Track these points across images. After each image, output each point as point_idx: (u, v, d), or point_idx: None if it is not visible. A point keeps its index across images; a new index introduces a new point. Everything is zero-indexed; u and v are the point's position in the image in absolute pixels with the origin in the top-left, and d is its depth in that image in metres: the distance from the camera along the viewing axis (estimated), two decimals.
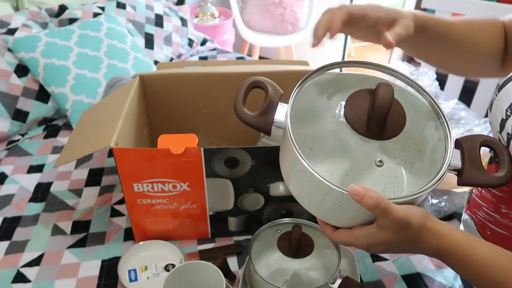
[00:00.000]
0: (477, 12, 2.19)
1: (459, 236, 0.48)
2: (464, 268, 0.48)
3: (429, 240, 0.47)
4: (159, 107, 0.98)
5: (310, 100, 0.53)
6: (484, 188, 0.61)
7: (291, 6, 2.56)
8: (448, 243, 0.47)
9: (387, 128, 0.48)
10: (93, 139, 0.74)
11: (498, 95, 0.55)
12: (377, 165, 0.48)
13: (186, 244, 0.84)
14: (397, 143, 0.50)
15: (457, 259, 0.47)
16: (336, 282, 0.62)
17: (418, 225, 0.46)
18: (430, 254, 0.49)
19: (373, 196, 0.43)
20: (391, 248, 0.48)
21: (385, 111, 0.45)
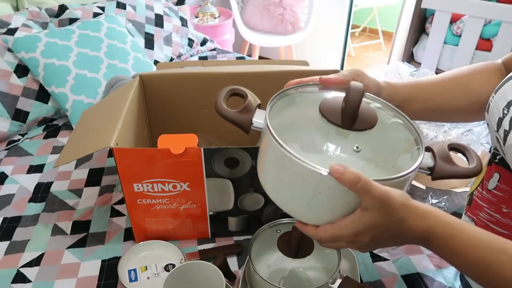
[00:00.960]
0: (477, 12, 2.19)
1: (444, 216, 0.47)
2: (451, 251, 0.46)
3: (414, 222, 0.46)
4: (159, 107, 0.98)
5: (287, 110, 0.55)
6: (485, 189, 0.61)
7: (291, 6, 2.56)
8: (433, 223, 0.46)
9: (361, 120, 0.50)
10: (93, 139, 0.74)
11: (495, 97, 0.56)
12: (355, 151, 0.49)
13: (186, 244, 0.84)
14: (373, 139, 0.51)
15: (444, 241, 0.46)
16: (336, 282, 0.62)
17: (400, 204, 0.45)
18: (417, 239, 0.47)
19: (353, 172, 0.43)
20: (377, 238, 0.47)
21: (357, 100, 0.49)
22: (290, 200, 0.50)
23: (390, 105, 0.56)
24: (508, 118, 0.52)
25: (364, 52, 3.59)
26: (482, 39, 2.30)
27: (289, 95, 0.56)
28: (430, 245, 0.47)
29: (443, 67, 2.51)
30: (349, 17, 2.76)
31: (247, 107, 0.54)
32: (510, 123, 0.52)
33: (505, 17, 2.11)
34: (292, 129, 0.53)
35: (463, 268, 0.47)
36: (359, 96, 0.49)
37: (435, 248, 0.47)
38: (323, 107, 0.52)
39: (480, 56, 2.33)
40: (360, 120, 0.50)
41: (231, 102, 0.55)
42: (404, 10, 2.54)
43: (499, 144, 0.55)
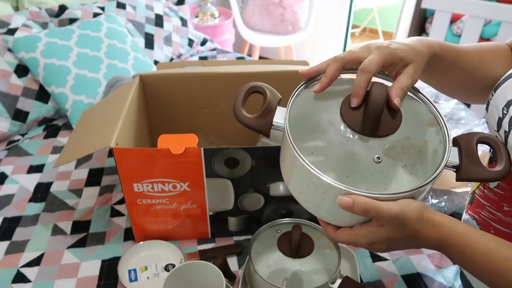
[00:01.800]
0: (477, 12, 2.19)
1: (458, 226, 0.48)
2: (465, 259, 0.48)
3: (428, 232, 0.47)
4: (159, 107, 0.98)
5: (308, 104, 0.53)
6: (486, 188, 0.61)
7: (291, 6, 2.56)
8: (447, 233, 0.47)
9: (383, 126, 0.48)
10: (93, 139, 0.74)
11: (494, 95, 0.56)
12: (375, 162, 0.48)
13: (186, 244, 0.84)
14: (397, 146, 0.50)
15: (458, 249, 0.47)
16: (336, 282, 0.62)
17: (416, 219, 0.46)
18: (431, 247, 0.49)
19: (361, 204, 0.44)
20: (394, 245, 0.48)
21: (379, 106, 0.46)
22: (311, 204, 0.50)
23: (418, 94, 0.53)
24: (508, 119, 0.52)
25: None
26: (482, 39, 2.30)
27: (308, 91, 0.53)
28: (445, 253, 0.49)
29: None
30: (349, 17, 2.76)
31: (267, 109, 0.52)
32: (509, 124, 0.51)
33: (505, 17, 2.10)
34: (312, 132, 0.52)
35: (478, 275, 0.49)
36: (381, 105, 0.46)
37: (450, 255, 0.49)
38: (344, 111, 0.49)
39: None
40: (383, 125, 0.48)
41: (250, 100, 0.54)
42: (404, 10, 2.54)
43: None
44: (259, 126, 0.52)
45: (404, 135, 0.50)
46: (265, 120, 0.51)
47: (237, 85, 0.53)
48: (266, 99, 0.52)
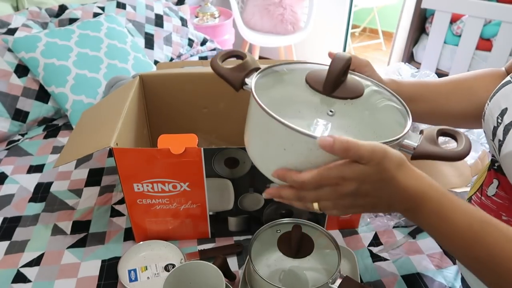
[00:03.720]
0: (477, 12, 2.19)
1: (436, 183, 0.45)
2: (441, 218, 0.44)
3: (408, 182, 0.44)
4: (159, 107, 0.98)
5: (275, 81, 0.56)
6: (484, 195, 0.60)
7: (291, 6, 2.56)
8: (428, 187, 0.44)
9: (344, 89, 0.50)
10: (93, 139, 0.74)
11: (489, 104, 0.56)
12: (328, 115, 0.50)
13: (186, 244, 0.84)
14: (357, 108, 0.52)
15: (436, 206, 0.44)
16: (336, 282, 0.62)
17: (397, 164, 0.43)
18: (405, 201, 0.45)
19: (342, 142, 0.41)
20: (363, 189, 0.43)
21: (340, 65, 0.49)
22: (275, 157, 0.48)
23: (389, 90, 0.56)
24: (502, 127, 0.52)
25: (364, 52, 3.59)
26: (482, 39, 2.30)
27: (279, 71, 0.57)
28: (418, 210, 0.45)
29: (443, 67, 2.51)
30: (349, 17, 2.76)
31: (243, 66, 0.55)
32: (504, 132, 0.51)
33: (505, 17, 2.11)
34: (278, 96, 0.54)
35: (448, 237, 0.45)
36: (343, 63, 0.49)
37: (424, 213, 0.45)
38: (309, 76, 0.53)
39: (480, 56, 2.33)
40: (344, 88, 0.50)
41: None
42: (404, 10, 2.54)
43: (495, 152, 0.55)
44: (232, 78, 0.54)
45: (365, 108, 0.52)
46: (238, 74, 0.54)
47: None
48: (245, 58, 0.55)
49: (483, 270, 0.44)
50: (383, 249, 0.83)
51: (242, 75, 0.54)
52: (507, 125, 0.51)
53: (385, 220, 0.89)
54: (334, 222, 0.86)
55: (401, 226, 0.88)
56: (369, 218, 0.90)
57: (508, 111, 0.51)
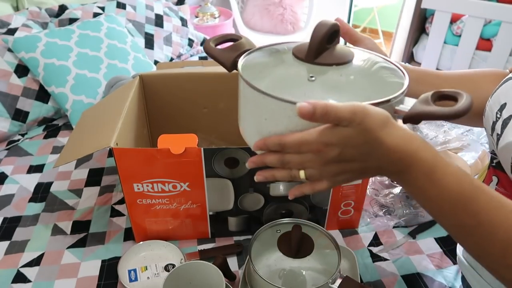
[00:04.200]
0: (477, 12, 2.19)
1: (427, 142, 0.43)
2: (432, 181, 0.42)
3: (396, 142, 0.41)
4: (159, 107, 0.98)
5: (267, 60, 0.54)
6: None
7: (291, 6, 2.56)
8: (419, 147, 0.41)
9: (330, 55, 0.48)
10: (93, 139, 0.74)
11: (490, 101, 0.56)
12: (309, 80, 0.46)
13: (186, 244, 0.84)
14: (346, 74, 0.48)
15: (426, 169, 0.41)
16: (336, 282, 0.62)
17: (381, 122, 0.40)
18: (394, 163, 0.42)
19: (322, 107, 0.39)
20: (347, 153, 0.41)
21: (322, 31, 0.46)
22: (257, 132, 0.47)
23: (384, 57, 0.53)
24: (501, 121, 0.52)
25: None
26: (482, 39, 2.30)
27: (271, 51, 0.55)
28: (408, 172, 0.42)
29: (443, 67, 2.51)
30: (349, 17, 2.77)
31: (236, 46, 0.54)
32: (502, 126, 0.52)
33: (505, 17, 2.11)
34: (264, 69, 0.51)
35: (437, 201, 0.43)
36: (325, 28, 0.46)
37: (414, 175, 0.42)
38: (296, 48, 0.50)
39: (480, 56, 2.33)
40: (330, 55, 0.48)
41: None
42: (404, 10, 2.54)
43: (494, 147, 0.55)
44: (223, 58, 0.53)
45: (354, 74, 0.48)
46: (230, 55, 0.53)
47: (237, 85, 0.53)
48: (239, 39, 0.55)
49: (467, 236, 0.43)
50: (383, 249, 0.83)
51: (234, 55, 0.53)
52: (505, 119, 0.51)
53: (385, 220, 0.89)
54: (334, 222, 0.86)
55: (401, 226, 0.88)
56: (369, 218, 0.90)
57: (507, 105, 0.52)
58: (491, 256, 0.42)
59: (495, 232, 0.40)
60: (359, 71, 0.49)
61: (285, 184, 0.77)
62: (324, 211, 0.84)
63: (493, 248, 0.41)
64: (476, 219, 0.41)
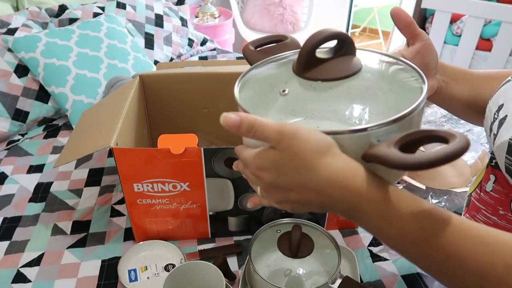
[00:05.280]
0: (477, 12, 2.19)
1: (372, 175, 0.38)
2: (387, 222, 0.37)
3: (332, 173, 0.36)
4: (159, 107, 0.98)
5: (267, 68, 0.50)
6: (483, 191, 0.61)
7: (291, 6, 2.56)
8: (364, 181, 0.37)
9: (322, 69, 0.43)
10: (93, 139, 0.74)
11: (490, 102, 0.56)
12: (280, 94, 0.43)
13: (186, 244, 0.84)
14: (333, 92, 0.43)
15: (378, 208, 0.37)
16: (336, 282, 0.62)
17: (316, 146, 0.36)
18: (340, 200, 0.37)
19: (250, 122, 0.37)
20: (281, 180, 0.38)
21: (311, 43, 0.41)
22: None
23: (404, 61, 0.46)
24: (497, 122, 0.52)
25: None
26: (482, 39, 2.30)
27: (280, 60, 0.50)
28: (358, 212, 0.38)
29: None
30: (349, 17, 2.77)
31: (275, 48, 0.50)
32: (498, 126, 0.52)
33: (505, 17, 2.11)
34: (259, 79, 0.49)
35: (397, 240, 0.39)
36: (315, 40, 0.41)
37: (366, 216, 0.38)
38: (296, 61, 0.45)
39: (480, 56, 2.33)
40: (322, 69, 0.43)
41: None
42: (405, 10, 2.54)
43: (492, 147, 0.56)
44: (253, 59, 0.50)
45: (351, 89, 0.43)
46: (261, 56, 0.50)
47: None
48: (284, 40, 0.52)
49: (438, 272, 0.39)
50: (383, 249, 0.83)
51: (264, 58, 0.49)
52: (501, 119, 0.52)
53: None
54: (334, 222, 0.86)
55: None
56: None
57: (504, 106, 0.52)
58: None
59: (464, 264, 0.37)
60: (346, 92, 0.42)
61: None
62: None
63: (465, 281, 0.38)
64: (442, 253, 0.37)
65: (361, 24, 3.79)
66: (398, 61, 0.47)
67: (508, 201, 0.56)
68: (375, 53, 0.49)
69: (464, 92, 0.60)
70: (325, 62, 0.44)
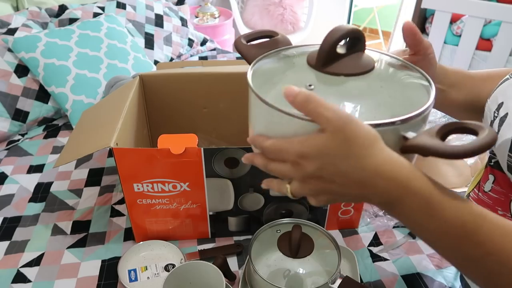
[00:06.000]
0: (477, 12, 2.19)
1: (418, 170, 0.38)
2: (427, 213, 0.38)
3: (382, 164, 0.36)
4: (159, 107, 0.98)
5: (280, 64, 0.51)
6: (481, 191, 0.61)
7: (291, 6, 2.56)
8: (410, 175, 0.37)
9: (342, 64, 0.44)
10: (93, 139, 0.74)
11: (489, 101, 0.56)
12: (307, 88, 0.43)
13: (186, 244, 0.84)
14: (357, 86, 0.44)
15: (422, 202, 0.37)
16: (336, 282, 0.62)
17: (368, 139, 0.36)
18: (383, 191, 0.37)
19: (306, 94, 0.36)
20: (325, 169, 0.37)
21: (334, 38, 0.42)
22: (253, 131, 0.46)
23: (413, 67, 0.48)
24: (498, 120, 0.52)
25: None
26: (482, 39, 2.30)
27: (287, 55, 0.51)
28: (399, 204, 0.38)
29: None
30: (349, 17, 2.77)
31: (268, 44, 0.50)
32: (499, 125, 0.52)
33: (505, 17, 2.11)
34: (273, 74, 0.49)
35: (436, 235, 0.39)
36: (338, 34, 0.42)
37: (407, 208, 0.38)
38: (311, 54, 0.46)
39: (480, 56, 2.33)
40: (342, 64, 0.44)
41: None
42: (403, 10, 2.54)
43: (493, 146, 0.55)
44: (249, 55, 0.50)
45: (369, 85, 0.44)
46: (257, 51, 0.50)
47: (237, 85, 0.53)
48: (275, 36, 0.51)
49: (474, 268, 0.39)
50: (383, 249, 0.83)
51: (261, 53, 0.49)
52: (502, 117, 0.52)
53: (385, 220, 0.89)
54: (334, 222, 0.86)
55: (401, 226, 0.88)
56: (369, 218, 0.90)
57: (504, 104, 0.52)
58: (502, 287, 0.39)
59: (504, 261, 0.37)
60: (368, 86, 0.44)
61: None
62: (324, 211, 0.84)
63: (503, 279, 0.38)
64: (482, 249, 0.38)
65: (361, 24, 3.79)
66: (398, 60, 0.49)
67: (508, 201, 0.56)
68: (377, 52, 0.51)
69: (462, 96, 0.61)
70: (343, 57, 0.45)
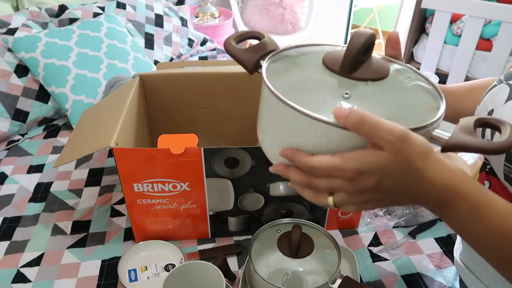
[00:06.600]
0: (477, 12, 2.19)
1: (469, 176, 0.39)
2: (475, 217, 0.39)
3: (436, 175, 0.37)
4: (159, 107, 0.98)
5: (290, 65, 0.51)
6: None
7: (291, 6, 2.56)
8: (461, 182, 0.38)
9: (366, 69, 0.44)
10: (93, 139, 0.74)
11: (478, 108, 0.56)
12: (344, 97, 0.44)
13: (186, 244, 0.84)
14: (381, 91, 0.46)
15: (470, 205, 0.39)
16: (336, 282, 0.62)
17: (422, 153, 0.36)
18: (433, 197, 0.39)
19: (358, 114, 0.35)
20: (384, 183, 0.38)
21: (359, 43, 0.42)
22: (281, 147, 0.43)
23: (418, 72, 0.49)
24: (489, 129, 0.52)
25: None
26: (482, 39, 2.30)
27: (294, 54, 0.51)
28: (449, 208, 0.39)
29: (443, 67, 2.51)
30: (349, 17, 2.76)
31: (259, 46, 0.49)
32: (492, 132, 0.52)
33: (505, 17, 2.11)
34: (292, 79, 0.49)
35: (482, 238, 0.40)
36: (363, 40, 0.42)
37: (456, 212, 0.39)
38: (327, 57, 0.46)
39: (480, 56, 2.33)
40: (365, 69, 0.44)
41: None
42: (403, 10, 2.54)
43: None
44: (245, 59, 0.49)
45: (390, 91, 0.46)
46: (252, 56, 0.49)
47: (237, 85, 0.53)
48: (263, 39, 0.51)
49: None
50: (383, 249, 0.83)
51: (257, 56, 0.48)
52: None
53: (385, 220, 0.89)
54: (334, 222, 0.86)
55: (401, 226, 0.88)
56: (369, 218, 0.90)
57: (495, 111, 0.52)
58: None
59: None
60: (396, 88, 0.45)
61: (285, 184, 0.77)
62: (324, 211, 0.84)
63: None
64: None
65: (361, 24, 3.78)
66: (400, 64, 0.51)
67: None
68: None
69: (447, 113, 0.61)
70: (363, 63, 0.45)
